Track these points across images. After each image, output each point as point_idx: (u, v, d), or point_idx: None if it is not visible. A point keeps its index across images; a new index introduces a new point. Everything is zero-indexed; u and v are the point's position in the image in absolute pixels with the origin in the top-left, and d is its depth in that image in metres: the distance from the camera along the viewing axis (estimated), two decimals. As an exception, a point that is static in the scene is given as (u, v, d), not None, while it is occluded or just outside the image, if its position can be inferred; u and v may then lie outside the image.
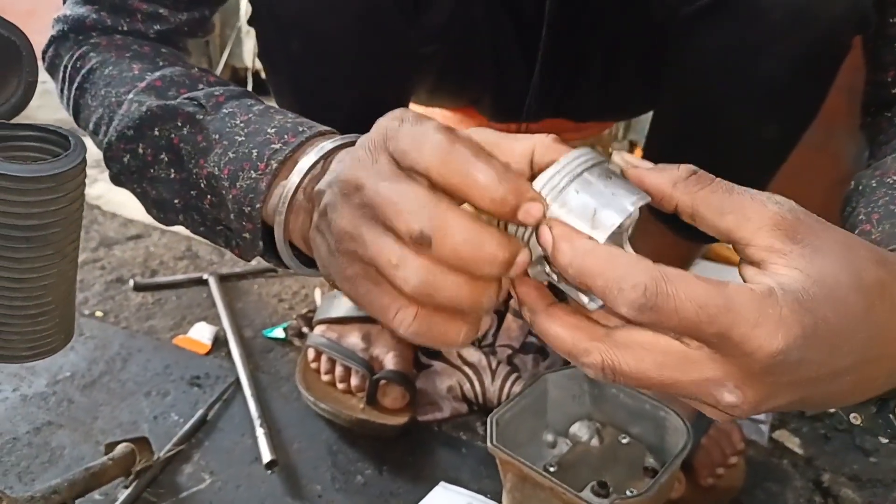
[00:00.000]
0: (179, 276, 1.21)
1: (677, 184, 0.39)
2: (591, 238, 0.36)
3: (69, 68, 0.65)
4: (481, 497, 0.81)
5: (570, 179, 0.37)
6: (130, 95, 0.58)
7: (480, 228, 0.36)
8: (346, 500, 0.85)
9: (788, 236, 0.36)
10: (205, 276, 1.20)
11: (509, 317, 1.03)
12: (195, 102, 0.55)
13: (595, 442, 0.83)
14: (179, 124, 0.54)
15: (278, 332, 1.10)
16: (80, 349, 1.03)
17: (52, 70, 0.69)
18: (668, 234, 0.93)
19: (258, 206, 0.50)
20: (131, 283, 1.18)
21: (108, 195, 1.45)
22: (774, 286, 0.35)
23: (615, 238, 0.38)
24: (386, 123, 0.40)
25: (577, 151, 0.39)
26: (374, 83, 0.81)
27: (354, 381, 0.94)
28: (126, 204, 1.42)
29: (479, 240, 0.36)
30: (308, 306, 1.15)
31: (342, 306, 0.99)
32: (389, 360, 0.95)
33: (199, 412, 0.93)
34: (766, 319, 0.34)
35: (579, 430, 0.85)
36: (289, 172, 0.49)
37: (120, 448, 0.80)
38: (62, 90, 0.68)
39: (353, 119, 0.85)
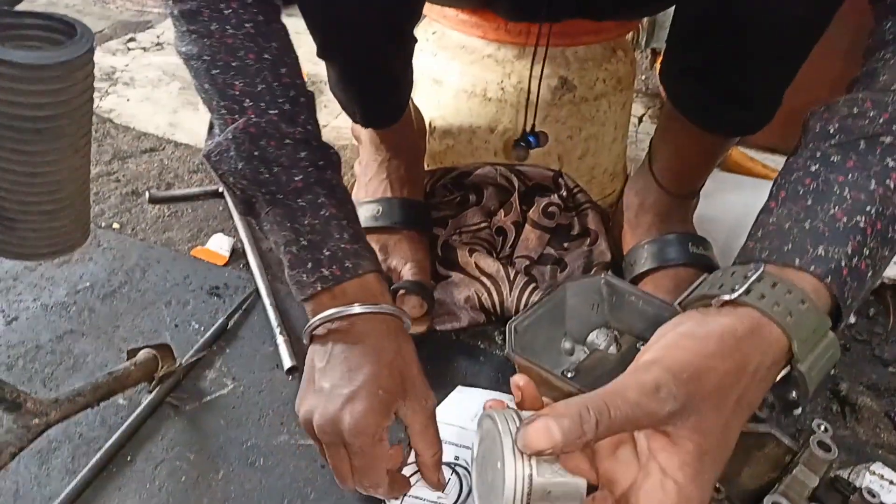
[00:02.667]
0: (195, 189, 1.21)
1: (585, 432, 0.42)
2: None
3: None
4: (497, 392, 0.83)
5: None
6: (229, 131, 0.64)
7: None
8: (366, 405, 0.86)
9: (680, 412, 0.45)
10: (220, 189, 1.19)
11: (528, 227, 1.02)
12: (277, 181, 0.65)
13: (612, 349, 0.83)
14: (263, 192, 0.65)
15: (295, 244, 1.09)
16: (99, 260, 1.04)
17: None
18: (692, 130, 0.90)
19: (302, 298, 0.67)
20: (147, 195, 1.18)
21: (119, 108, 1.44)
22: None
23: None
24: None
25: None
26: None
27: (372, 291, 0.95)
28: (138, 117, 1.41)
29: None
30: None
31: (360, 216, 0.98)
32: (407, 271, 0.94)
33: (220, 320, 0.93)
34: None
35: (597, 337, 0.85)
36: (327, 299, 0.66)
37: (142, 354, 0.81)
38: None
39: (368, 10, 0.82)
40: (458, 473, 0.74)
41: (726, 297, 0.49)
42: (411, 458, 0.68)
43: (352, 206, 0.70)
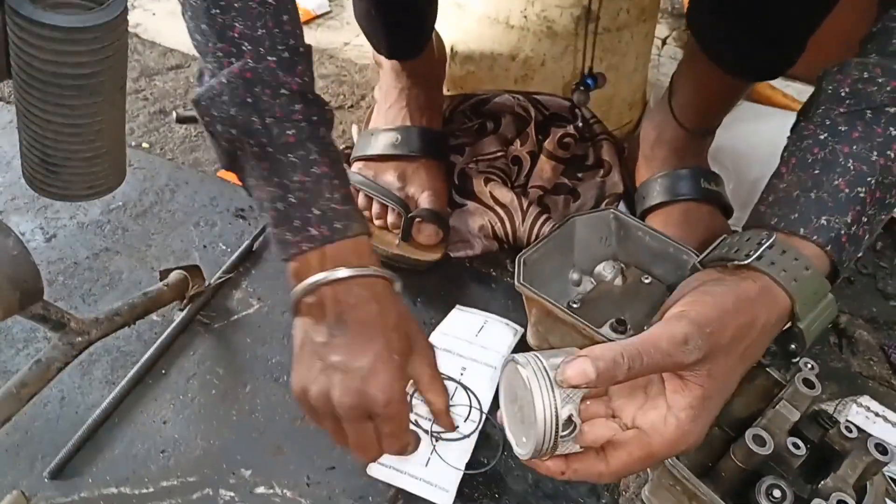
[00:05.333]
0: (220, 109, 1.23)
1: (616, 375, 0.47)
2: None
3: None
4: (495, 316, 0.89)
5: None
6: (223, 75, 0.60)
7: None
8: (383, 327, 0.91)
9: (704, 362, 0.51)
10: (245, 110, 1.21)
11: (542, 158, 1.05)
12: (268, 133, 0.61)
13: (618, 281, 0.87)
14: (252, 143, 0.62)
15: (317, 167, 1.12)
16: (130, 180, 1.08)
17: None
18: (714, 71, 0.91)
19: (284, 258, 0.63)
20: (174, 115, 1.20)
21: (145, 23, 1.45)
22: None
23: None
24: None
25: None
26: None
27: (391, 218, 0.97)
28: (163, 32, 1.42)
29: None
30: (345, 143, 1.17)
31: (379, 144, 1.01)
32: (424, 199, 0.97)
33: (246, 243, 0.98)
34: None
35: (604, 269, 0.89)
36: (315, 261, 0.62)
37: (174, 274, 0.86)
38: None
39: None
40: (468, 391, 0.80)
41: (740, 263, 0.55)
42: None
43: (342, 166, 0.66)
